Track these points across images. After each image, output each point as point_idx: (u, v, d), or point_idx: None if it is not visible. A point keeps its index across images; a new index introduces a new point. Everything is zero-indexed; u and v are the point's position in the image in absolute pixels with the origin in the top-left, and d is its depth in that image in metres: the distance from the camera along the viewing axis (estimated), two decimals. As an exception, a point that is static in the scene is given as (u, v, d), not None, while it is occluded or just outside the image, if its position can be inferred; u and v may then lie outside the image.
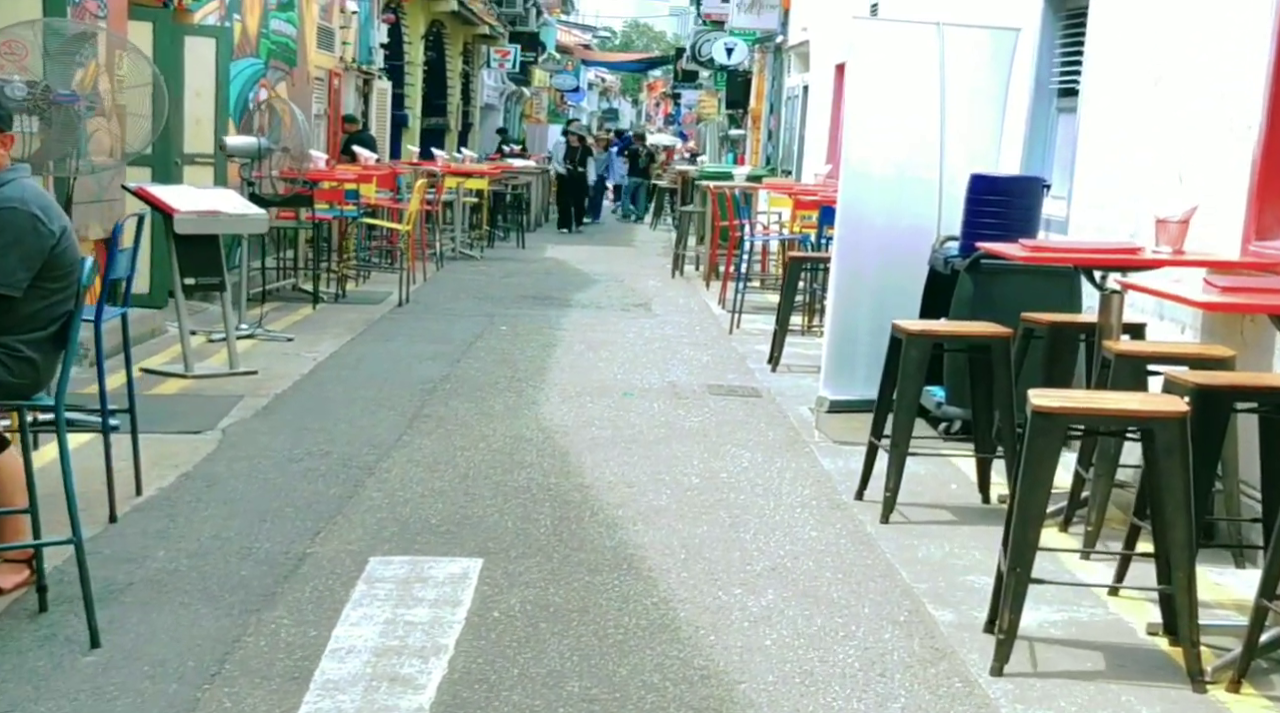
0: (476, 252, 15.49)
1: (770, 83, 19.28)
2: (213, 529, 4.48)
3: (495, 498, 5.03)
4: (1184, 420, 3.35)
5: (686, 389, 7.47)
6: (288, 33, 12.61)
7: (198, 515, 4.64)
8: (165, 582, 3.95)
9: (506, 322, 9.86)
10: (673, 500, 5.12)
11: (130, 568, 4.04)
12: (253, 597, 3.85)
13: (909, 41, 6.80)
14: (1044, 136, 7.37)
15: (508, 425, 6.31)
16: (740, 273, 10.24)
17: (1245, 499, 4.38)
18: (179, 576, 4.00)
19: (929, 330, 5.10)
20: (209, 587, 3.92)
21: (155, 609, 3.72)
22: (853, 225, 6.72)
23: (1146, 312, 5.45)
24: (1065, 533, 4.82)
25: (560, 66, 42.52)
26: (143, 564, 4.08)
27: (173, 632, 3.56)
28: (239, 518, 4.63)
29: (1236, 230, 4.84)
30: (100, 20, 7.95)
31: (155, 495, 4.86)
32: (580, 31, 56.49)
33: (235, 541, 4.37)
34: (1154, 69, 5.79)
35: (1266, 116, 4.70)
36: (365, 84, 16.90)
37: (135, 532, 4.41)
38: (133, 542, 4.29)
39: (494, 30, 25.86)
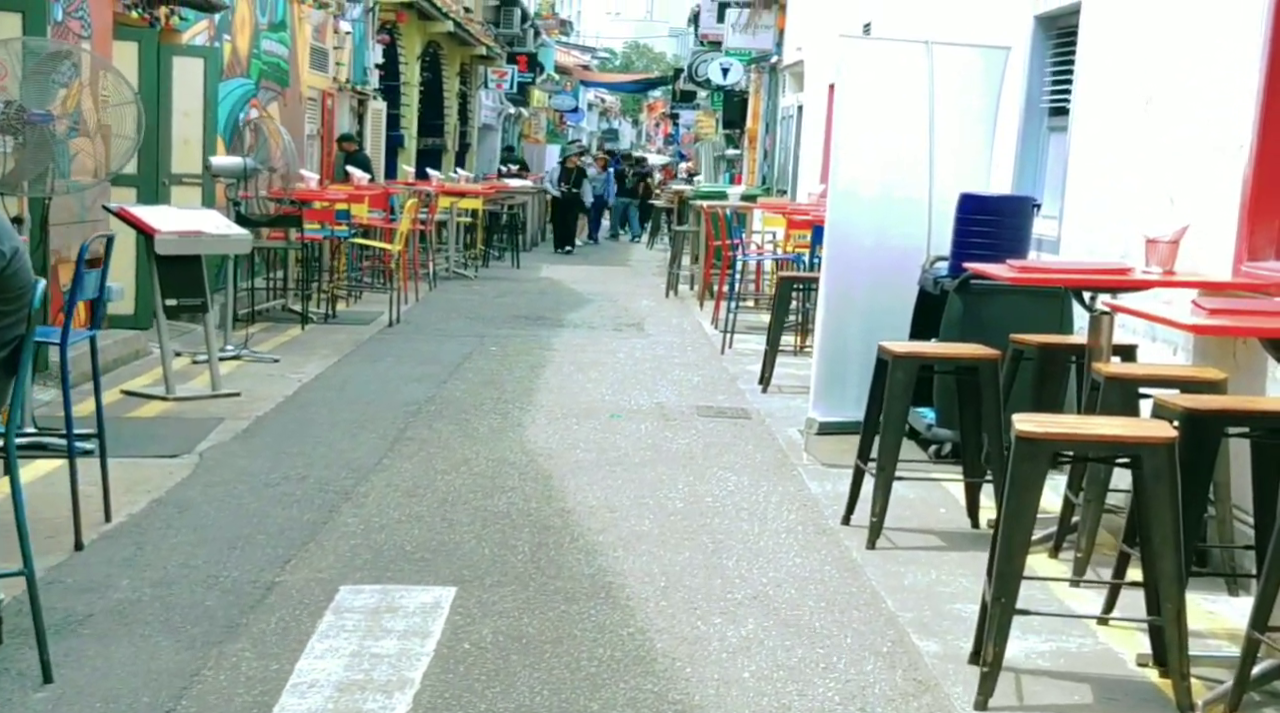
0: (471, 271, 15.42)
1: (766, 102, 19.24)
2: (181, 557, 4.37)
3: (473, 524, 4.93)
4: (1172, 446, 3.25)
5: (675, 410, 7.37)
6: (279, 53, 12.57)
7: (166, 543, 4.53)
8: (127, 613, 3.84)
9: (497, 342, 9.77)
10: (655, 526, 5.02)
11: (91, 598, 3.93)
12: (216, 628, 3.74)
13: (898, 60, 6.73)
14: (1035, 156, 7.29)
15: (491, 448, 6.21)
16: (732, 293, 10.15)
17: (1239, 525, 4.28)
18: (141, 606, 3.89)
19: (915, 352, 5.00)
20: (171, 618, 3.81)
21: (114, 642, 3.61)
22: (842, 245, 6.63)
23: (1139, 333, 5.36)
24: (1056, 559, 4.71)
25: (559, 87, 42.54)
26: (104, 594, 3.97)
27: (130, 666, 3.45)
28: (208, 545, 4.52)
29: (1228, 251, 4.75)
30: (84, 40, 7.89)
31: (125, 522, 4.75)
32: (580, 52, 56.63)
33: (202, 569, 4.26)
34: (1145, 89, 5.71)
35: (1257, 137, 4.61)
36: (360, 104, 16.86)
37: (100, 560, 4.30)
38: (96, 571, 4.19)
39: (491, 51, 25.85)
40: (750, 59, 19.64)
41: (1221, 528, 4.23)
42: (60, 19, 7.53)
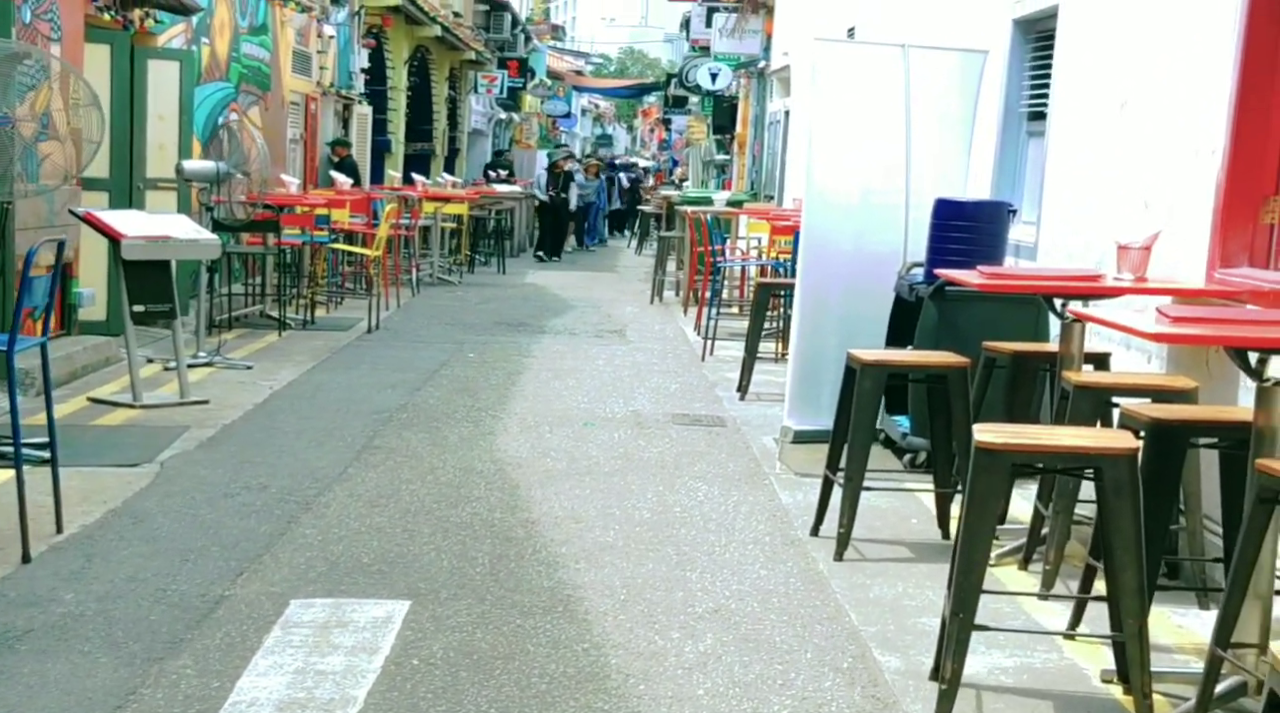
0: (455, 277, 15.32)
1: (755, 108, 19.18)
2: (130, 570, 4.27)
3: (434, 535, 4.83)
4: (1133, 458, 3.17)
5: (650, 418, 7.28)
6: (260, 57, 12.48)
7: (116, 555, 4.43)
8: (68, 628, 3.74)
9: (475, 349, 9.68)
10: (620, 537, 4.93)
11: (33, 613, 3.83)
12: (159, 644, 3.65)
13: (874, 64, 6.65)
14: (1014, 160, 7.21)
15: (459, 457, 6.11)
16: (714, 299, 10.06)
17: (1210, 537, 4.19)
18: (83, 621, 3.79)
19: (884, 360, 4.91)
20: (113, 633, 3.72)
21: (52, 658, 3.51)
22: (818, 251, 6.55)
23: (1113, 341, 5.28)
24: (1025, 571, 4.62)
25: (551, 92, 42.49)
26: (46, 609, 3.87)
27: (65, 684, 3.35)
28: (160, 558, 4.42)
29: (1201, 257, 4.67)
30: (54, 43, 7.80)
31: (76, 533, 4.65)
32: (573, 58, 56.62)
33: (151, 582, 4.16)
34: (1120, 93, 5.64)
35: (1230, 141, 4.53)
36: (345, 109, 16.77)
37: (47, 573, 4.20)
38: (41, 584, 4.09)
39: (481, 56, 25.76)
40: (738, 64, 19.56)
41: (1192, 540, 4.15)
42: (28, 20, 7.44)
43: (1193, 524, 4.12)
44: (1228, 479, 3.65)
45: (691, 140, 31.66)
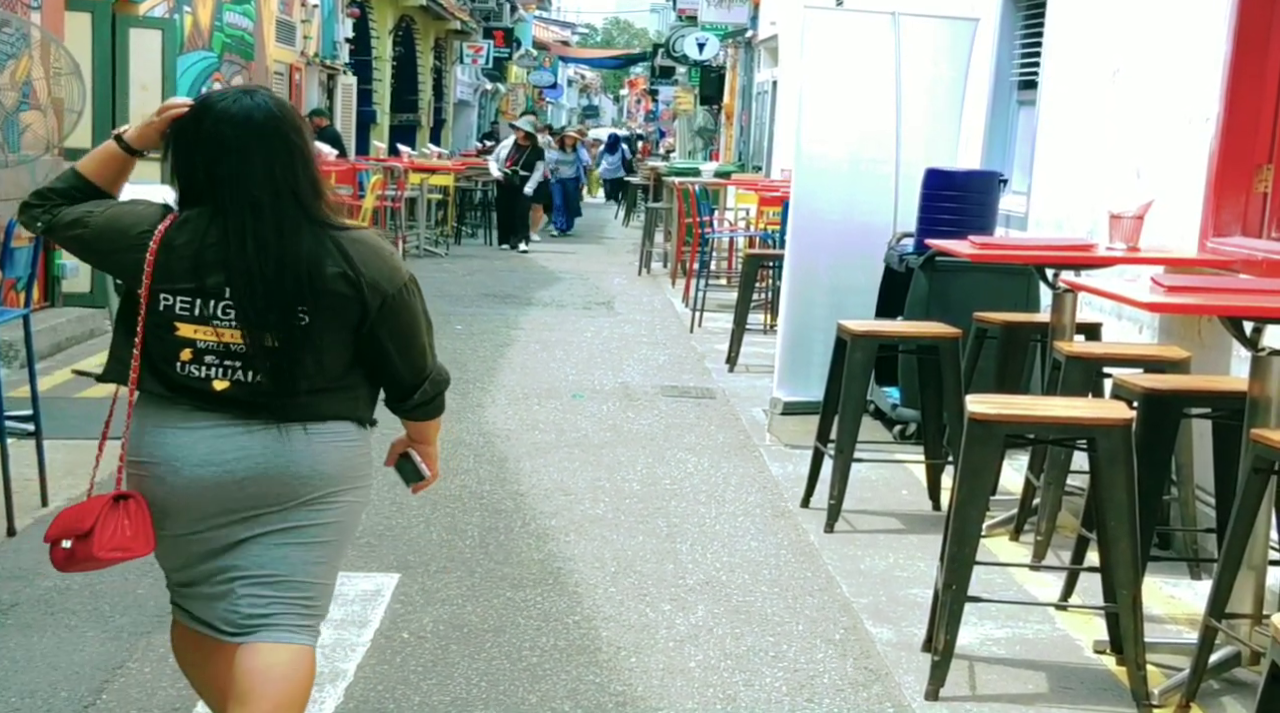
0: (442, 249, 15.23)
1: (742, 78, 19.08)
2: (116, 543, 4.23)
3: (423, 507, 4.80)
4: (1128, 428, 3.15)
5: (639, 390, 7.25)
6: (244, 26, 12.34)
7: (103, 528, 4.39)
8: (54, 601, 3.71)
9: (463, 321, 9.62)
10: (610, 509, 4.90)
11: (18, 587, 3.79)
12: (146, 617, 3.61)
13: (863, 31, 6.58)
14: (1004, 130, 7.17)
15: (447, 429, 5.98)
16: (702, 270, 10.02)
17: (1202, 507, 4.19)
18: (69, 595, 3.76)
19: (874, 331, 4.89)
20: (100, 607, 3.68)
21: (37, 632, 3.48)
22: (807, 221, 6.51)
23: (1105, 311, 5.26)
24: (1016, 542, 4.61)
25: (537, 63, 42.23)
26: (32, 583, 3.83)
27: (52, 658, 3.32)
28: (146, 531, 4.38)
29: (1194, 226, 4.64)
30: (34, 11, 7.69)
31: (61, 506, 4.57)
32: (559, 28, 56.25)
33: (138, 556, 4.12)
34: (1112, 61, 5.59)
35: (1224, 108, 4.50)
36: (329, 79, 16.63)
37: (31, 547, 4.15)
38: (26, 558, 4.05)
39: (466, 26, 25.58)
40: (726, 34, 19.44)
41: (1185, 510, 4.14)
42: (7, -11, 7.33)
43: (1185, 495, 4.12)
44: (1221, 449, 3.64)
45: (679, 111, 31.53)
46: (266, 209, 2.28)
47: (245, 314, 2.27)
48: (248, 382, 2.31)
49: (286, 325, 2.28)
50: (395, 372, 2.44)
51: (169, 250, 2.28)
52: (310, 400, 2.34)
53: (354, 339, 2.37)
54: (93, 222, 2.37)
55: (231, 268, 2.27)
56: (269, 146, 2.31)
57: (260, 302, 2.26)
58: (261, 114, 2.32)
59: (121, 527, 2.31)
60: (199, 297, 2.28)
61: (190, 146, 2.34)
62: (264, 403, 2.32)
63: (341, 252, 2.31)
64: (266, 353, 2.29)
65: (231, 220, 2.27)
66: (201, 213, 2.30)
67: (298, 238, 2.29)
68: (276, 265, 2.27)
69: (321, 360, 2.33)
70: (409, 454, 2.63)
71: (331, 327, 2.32)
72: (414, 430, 2.61)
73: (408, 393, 2.47)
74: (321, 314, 2.30)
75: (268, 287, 2.26)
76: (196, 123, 2.34)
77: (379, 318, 2.35)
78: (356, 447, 2.44)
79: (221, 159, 2.29)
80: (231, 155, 2.29)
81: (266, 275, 2.26)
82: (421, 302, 2.45)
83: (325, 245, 2.31)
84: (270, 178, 2.29)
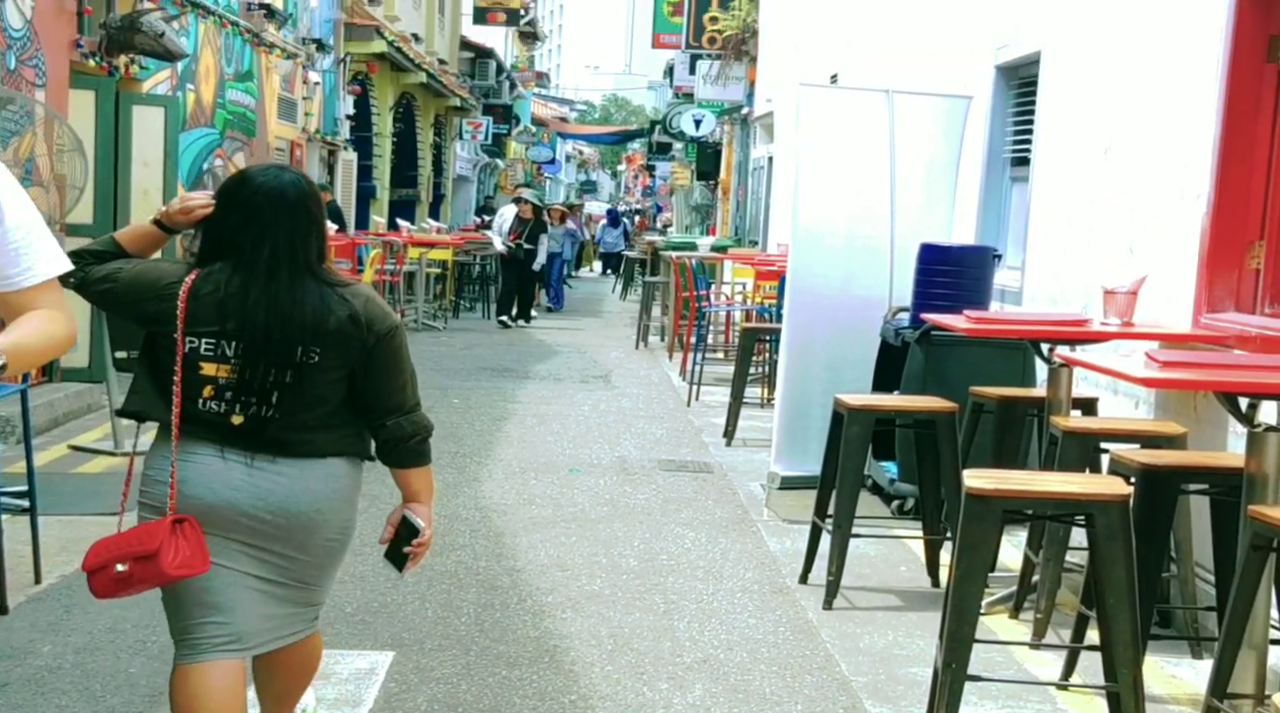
0: (440, 323, 15.28)
1: (738, 154, 19.29)
2: (109, 621, 4.20)
3: (419, 583, 4.77)
4: (1125, 504, 3.14)
5: (636, 464, 7.23)
6: (245, 103, 12.50)
7: (96, 605, 4.33)
8: (45, 681, 3.66)
9: (460, 395, 9.62)
10: (607, 585, 4.87)
11: (9, 666, 3.75)
12: (137, 697, 3.57)
13: (858, 109, 6.68)
14: (998, 206, 7.24)
15: (444, 504, 6.05)
16: (699, 344, 10.05)
17: (1202, 584, 4.16)
18: (61, 674, 3.72)
19: (871, 405, 4.90)
20: (91, 686, 3.64)
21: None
22: (804, 295, 6.55)
23: (1100, 386, 5.27)
24: (1016, 619, 4.58)
25: (536, 139, 42.73)
26: (23, 662, 3.79)
27: (41, 739, 3.28)
28: (140, 608, 4.32)
29: (1187, 302, 4.67)
30: (39, 89, 7.80)
31: (55, 583, 4.58)
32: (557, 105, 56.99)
33: (131, 633, 4.09)
34: (1103, 139, 5.67)
35: (1215, 185, 4.55)
36: (330, 155, 16.80)
37: (24, 625, 4.13)
38: (19, 636, 4.01)
39: (466, 103, 25.90)
40: (722, 111, 19.70)
41: (1184, 588, 4.12)
42: (13, 67, 7.44)
43: (1184, 572, 4.10)
44: (1219, 526, 3.62)
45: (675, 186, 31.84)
46: (283, 269, 2.65)
47: (256, 355, 2.62)
48: (260, 416, 2.65)
49: (296, 364, 2.64)
50: (378, 400, 2.75)
51: (195, 300, 2.63)
52: (313, 436, 2.69)
53: (348, 376, 2.72)
54: (122, 277, 2.72)
55: (247, 315, 2.62)
56: (294, 217, 2.69)
57: (271, 345, 2.62)
58: (294, 190, 2.71)
59: (182, 546, 2.59)
60: (221, 339, 2.63)
61: (226, 209, 2.71)
62: (273, 436, 2.66)
63: (343, 299, 2.70)
64: (277, 387, 2.64)
65: (252, 275, 2.63)
66: (224, 267, 2.65)
67: (304, 293, 2.66)
68: (285, 315, 2.63)
69: (323, 396, 2.69)
70: (405, 516, 2.84)
71: (335, 364, 2.68)
72: (404, 485, 2.85)
73: (384, 419, 2.76)
74: (329, 352, 2.67)
75: (279, 332, 2.62)
76: (236, 191, 2.72)
77: (373, 353, 2.72)
78: (348, 480, 2.77)
79: (251, 224, 2.66)
80: (261, 221, 2.66)
81: (276, 323, 2.62)
82: (406, 348, 2.80)
83: (328, 297, 2.69)
84: (290, 244, 2.67)
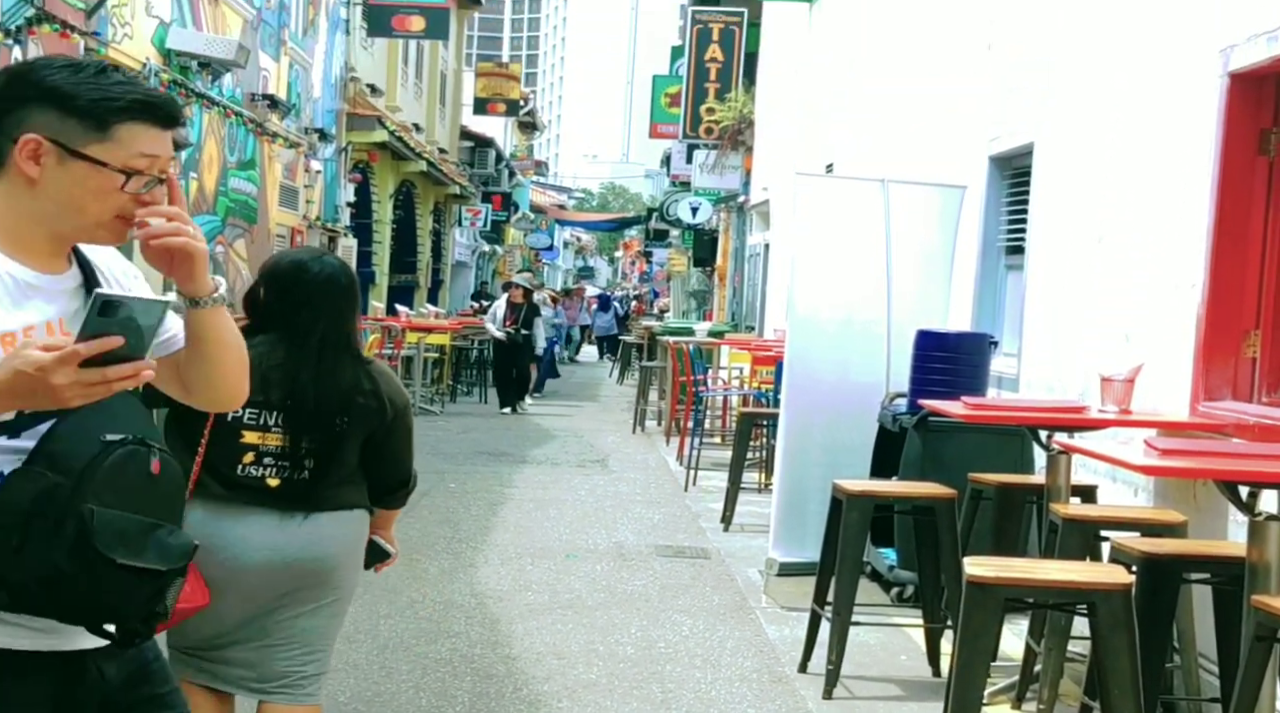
0: (437, 407, 15.27)
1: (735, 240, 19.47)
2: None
3: (413, 672, 4.71)
4: (1128, 593, 3.12)
5: (633, 550, 7.18)
6: (248, 191, 12.63)
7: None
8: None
9: (457, 479, 9.59)
10: (604, 674, 4.81)
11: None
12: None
13: (853, 197, 6.76)
14: (993, 293, 7.29)
15: (439, 590, 5.99)
16: (696, 429, 10.04)
17: (1205, 676, 4.11)
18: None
19: (870, 491, 4.88)
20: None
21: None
22: (801, 380, 6.57)
23: (1099, 473, 5.26)
24: (1018, 710, 4.51)
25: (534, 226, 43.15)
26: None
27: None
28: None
29: (1184, 390, 4.69)
30: (44, 174, 7.88)
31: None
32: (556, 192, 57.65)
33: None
34: (1096, 228, 5.73)
35: (1209, 275, 4.59)
36: (330, 241, 16.93)
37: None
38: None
39: (465, 190, 26.19)
40: (718, 198, 19.92)
41: (1187, 679, 4.06)
42: (19, 154, 7.52)
43: (1188, 662, 4.04)
44: (1222, 616, 3.59)
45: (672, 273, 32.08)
46: (329, 350, 2.97)
47: (302, 428, 2.93)
48: (294, 479, 2.94)
49: (330, 432, 2.95)
50: (396, 467, 3.13)
51: None
52: (337, 492, 2.99)
53: (364, 443, 3.03)
54: None
55: (298, 391, 2.92)
56: (344, 302, 3.04)
57: (317, 419, 2.93)
58: (345, 278, 3.07)
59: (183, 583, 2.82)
60: (264, 409, 2.91)
61: (282, 292, 3.00)
62: (303, 493, 2.95)
63: (370, 377, 3.04)
64: (311, 454, 2.94)
65: (303, 354, 2.94)
66: (265, 340, 2.92)
67: (343, 368, 2.99)
68: (329, 391, 2.95)
69: (346, 459, 3.00)
70: (374, 540, 3.20)
71: (358, 432, 3.00)
72: (381, 519, 3.23)
73: (396, 487, 3.17)
74: (354, 422, 2.98)
75: (325, 406, 2.94)
76: (294, 277, 3.01)
77: (390, 425, 3.06)
78: (364, 527, 3.11)
79: (305, 308, 2.97)
80: (315, 307, 2.97)
81: (323, 399, 2.94)
82: (412, 422, 3.19)
83: (359, 373, 3.02)
84: (337, 327, 3.00)
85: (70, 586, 1.71)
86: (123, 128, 1.77)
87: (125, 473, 1.75)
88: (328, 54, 16.16)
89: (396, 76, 21.15)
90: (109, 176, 1.77)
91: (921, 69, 8.60)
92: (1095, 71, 5.90)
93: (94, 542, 1.70)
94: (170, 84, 9.75)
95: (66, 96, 1.76)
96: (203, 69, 10.54)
